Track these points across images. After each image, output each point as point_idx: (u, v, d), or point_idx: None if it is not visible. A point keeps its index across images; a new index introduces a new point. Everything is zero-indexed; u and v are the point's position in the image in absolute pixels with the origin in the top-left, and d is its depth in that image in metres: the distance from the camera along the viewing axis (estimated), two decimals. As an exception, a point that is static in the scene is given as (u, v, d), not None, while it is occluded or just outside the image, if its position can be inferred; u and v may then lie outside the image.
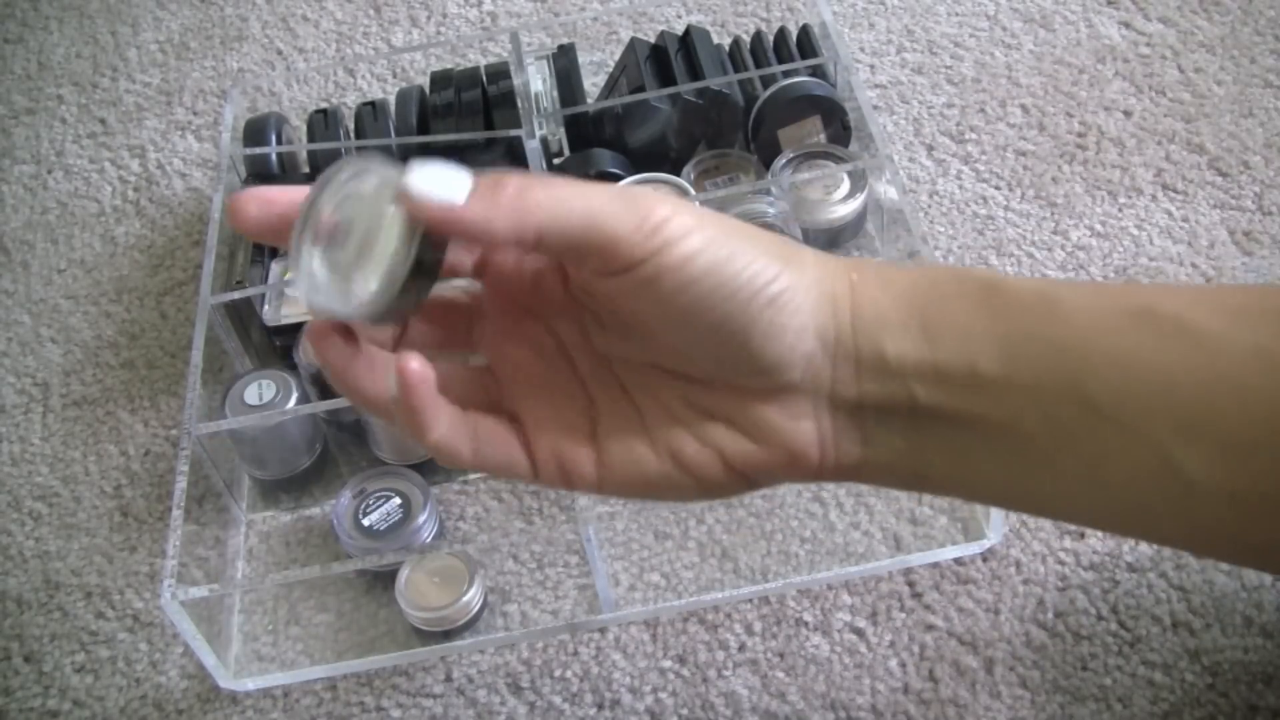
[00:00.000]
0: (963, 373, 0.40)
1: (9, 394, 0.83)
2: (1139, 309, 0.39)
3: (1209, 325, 0.38)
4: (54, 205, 0.95)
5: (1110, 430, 0.38)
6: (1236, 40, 0.91)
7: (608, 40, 1.00)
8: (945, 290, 0.41)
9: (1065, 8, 0.96)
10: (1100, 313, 0.39)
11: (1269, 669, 0.60)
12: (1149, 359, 0.38)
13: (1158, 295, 0.40)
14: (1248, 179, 0.82)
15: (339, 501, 0.69)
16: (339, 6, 1.07)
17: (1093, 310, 0.39)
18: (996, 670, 0.62)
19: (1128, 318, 0.39)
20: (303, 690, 0.66)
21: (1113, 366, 0.38)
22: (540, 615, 0.68)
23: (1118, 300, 0.39)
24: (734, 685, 0.63)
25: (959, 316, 0.40)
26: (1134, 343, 0.38)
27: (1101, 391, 0.38)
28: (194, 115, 1.00)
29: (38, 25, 1.11)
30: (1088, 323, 0.39)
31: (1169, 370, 0.38)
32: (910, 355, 0.40)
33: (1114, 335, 0.39)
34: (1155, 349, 0.38)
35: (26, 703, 0.68)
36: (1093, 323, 0.39)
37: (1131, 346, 0.38)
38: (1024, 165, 0.85)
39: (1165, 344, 0.38)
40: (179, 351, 0.83)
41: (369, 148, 0.82)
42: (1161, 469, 0.38)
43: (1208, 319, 0.38)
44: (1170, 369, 0.38)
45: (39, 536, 0.75)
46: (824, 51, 0.84)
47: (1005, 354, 0.39)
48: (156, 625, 0.70)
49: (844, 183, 0.79)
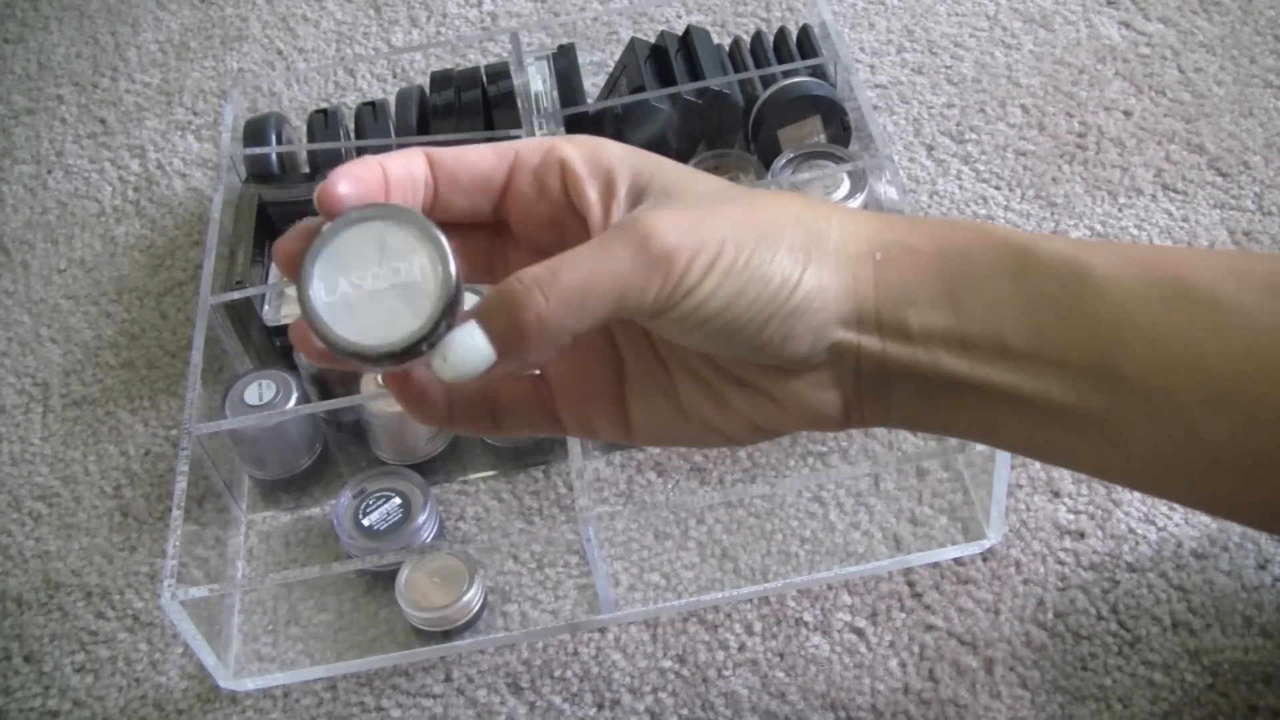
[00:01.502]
0: (990, 344, 0.40)
1: (9, 394, 0.83)
2: (1171, 281, 0.39)
3: (1240, 299, 0.38)
4: (54, 205, 0.95)
5: (1137, 401, 0.39)
6: (1236, 40, 0.91)
7: (608, 40, 1.00)
8: (975, 259, 0.41)
9: (1065, 8, 0.96)
10: (1132, 284, 0.39)
11: (1269, 669, 0.60)
12: (1180, 335, 0.38)
13: (1189, 265, 0.40)
14: (1248, 179, 0.82)
15: (339, 501, 0.69)
16: (339, 6, 1.07)
17: (1125, 281, 0.39)
18: (996, 670, 0.62)
19: (1159, 290, 0.39)
20: (303, 690, 0.66)
21: (1143, 341, 0.39)
22: (540, 615, 0.68)
23: (1150, 270, 0.39)
24: (734, 685, 0.63)
25: (988, 288, 0.40)
26: (1165, 317, 0.39)
27: (1131, 366, 0.39)
28: (194, 115, 1.00)
29: (38, 25, 1.11)
30: (1119, 297, 0.39)
31: (1199, 345, 0.38)
32: (937, 326, 0.40)
33: (1145, 308, 0.39)
34: (1186, 324, 0.38)
35: (26, 703, 0.68)
36: (1124, 296, 0.39)
37: (1162, 320, 0.39)
38: (1024, 165, 0.85)
39: (1196, 318, 0.38)
40: (179, 351, 0.83)
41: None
42: (1186, 439, 0.39)
43: (1238, 291, 0.38)
44: (1201, 344, 0.38)
45: (39, 536, 0.75)
46: (824, 51, 0.84)
47: (1034, 327, 0.40)
48: (156, 625, 0.70)
49: (844, 183, 0.79)
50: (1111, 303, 0.39)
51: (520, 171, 0.42)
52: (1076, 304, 0.39)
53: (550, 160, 0.41)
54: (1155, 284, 0.39)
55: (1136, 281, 0.39)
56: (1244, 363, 0.38)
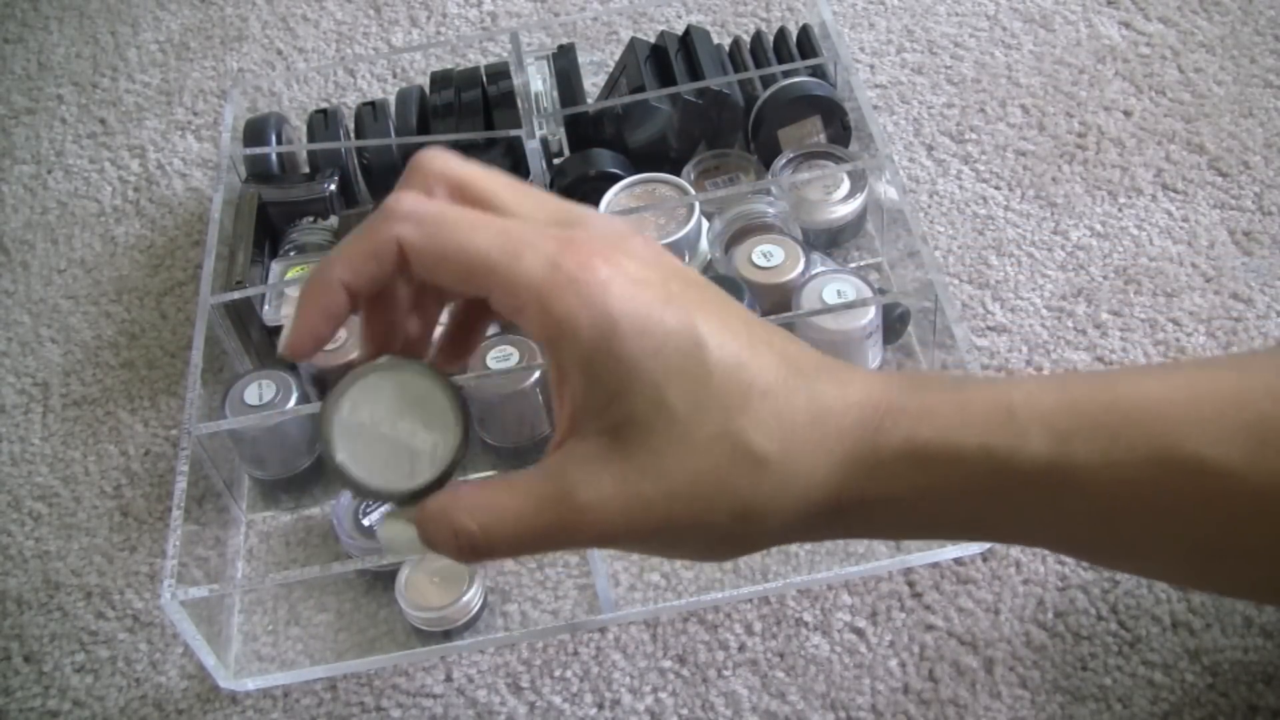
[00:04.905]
0: (963, 529, 0.44)
1: (9, 394, 0.83)
2: (1156, 457, 0.38)
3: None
4: (54, 205, 0.95)
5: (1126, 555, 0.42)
6: (1236, 40, 0.91)
7: (608, 40, 1.00)
8: (948, 496, 0.40)
9: (1065, 8, 0.96)
10: (1116, 472, 0.38)
11: (1269, 669, 0.60)
12: (1168, 517, 0.39)
13: (1177, 430, 0.38)
14: (1248, 179, 0.82)
15: (339, 501, 0.69)
16: (339, 6, 1.07)
17: (1105, 475, 0.38)
18: (996, 670, 0.62)
19: (1145, 473, 0.38)
20: (303, 690, 0.66)
21: (1135, 525, 0.39)
22: (540, 615, 0.68)
23: (1135, 450, 0.38)
24: (734, 685, 0.63)
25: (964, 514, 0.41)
26: (1153, 501, 0.39)
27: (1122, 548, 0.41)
28: (194, 115, 1.00)
29: (38, 25, 1.12)
30: (1102, 493, 0.39)
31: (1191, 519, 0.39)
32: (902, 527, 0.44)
33: (1133, 503, 0.39)
34: (1173, 506, 0.38)
35: (26, 703, 0.68)
36: (1107, 493, 0.39)
37: (1151, 505, 0.39)
38: (1024, 165, 0.85)
39: (1184, 495, 0.38)
40: (179, 351, 0.83)
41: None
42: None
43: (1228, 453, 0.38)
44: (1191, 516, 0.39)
45: (39, 536, 0.75)
46: (824, 51, 0.84)
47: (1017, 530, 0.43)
48: (156, 625, 0.70)
49: (844, 183, 0.79)
50: (1096, 499, 0.39)
51: (494, 298, 0.39)
52: (1057, 510, 0.40)
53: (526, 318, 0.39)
54: (1140, 466, 0.38)
55: (1121, 468, 0.38)
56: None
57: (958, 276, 0.79)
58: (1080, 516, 0.39)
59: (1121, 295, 0.77)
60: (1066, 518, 0.39)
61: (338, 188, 0.83)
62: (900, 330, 0.75)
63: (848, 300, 0.70)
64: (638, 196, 0.79)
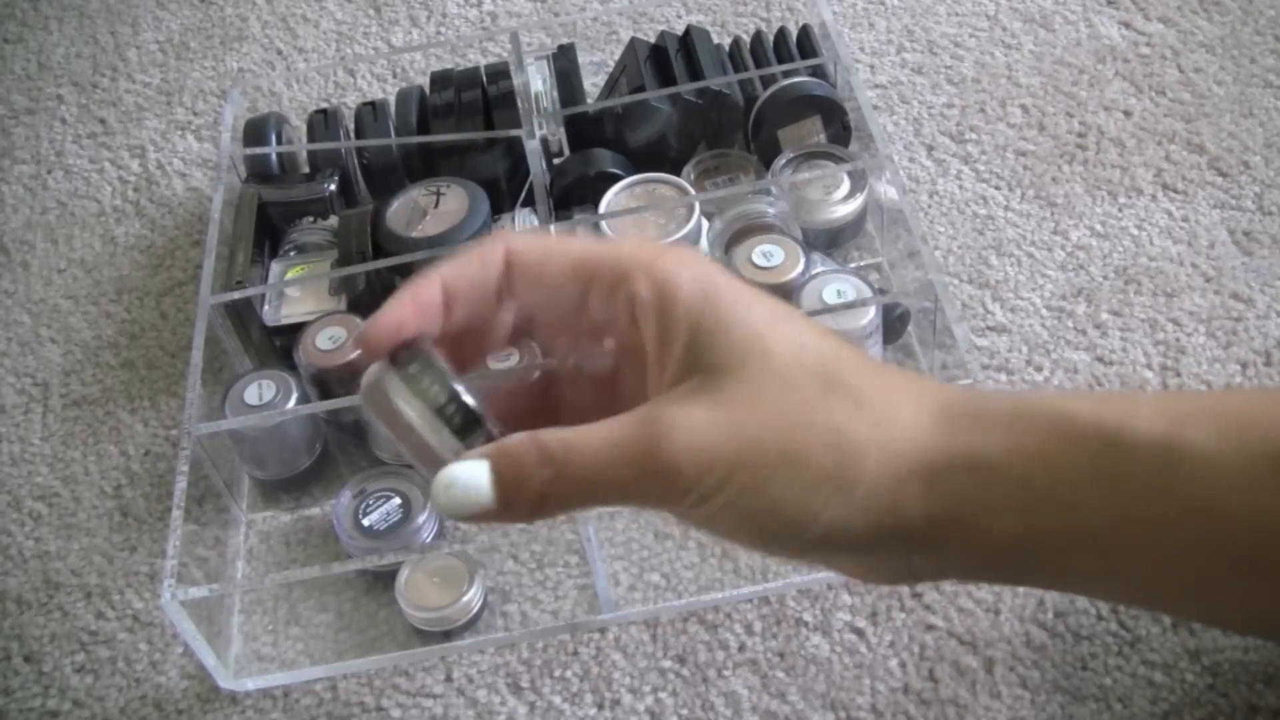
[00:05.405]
0: (1065, 535, 0.38)
1: (9, 394, 0.83)
2: (1273, 455, 0.36)
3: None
4: (54, 205, 0.95)
5: (1234, 577, 0.38)
6: (1236, 40, 0.91)
7: (608, 40, 1.00)
8: (1053, 464, 0.38)
9: (1065, 8, 0.96)
10: (1229, 460, 0.37)
11: (1269, 669, 0.60)
12: None
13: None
14: (1248, 179, 0.82)
15: (339, 501, 0.69)
16: (339, 6, 1.07)
17: (1220, 460, 0.37)
18: (996, 670, 0.62)
19: (1262, 465, 0.36)
20: (303, 690, 0.66)
21: (1241, 523, 0.37)
22: (540, 615, 0.67)
23: (1248, 442, 0.37)
24: (734, 685, 0.63)
25: (1066, 493, 0.38)
26: (1268, 501, 0.36)
27: (1230, 546, 0.37)
28: (194, 115, 1.00)
29: (38, 25, 1.12)
30: (1215, 479, 0.37)
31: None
32: (1005, 532, 0.38)
33: (1244, 495, 0.37)
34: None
35: (26, 703, 0.68)
36: (1220, 480, 0.37)
37: (1265, 506, 0.36)
38: (1024, 165, 0.85)
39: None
40: (179, 351, 0.83)
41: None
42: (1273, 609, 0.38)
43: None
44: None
45: (39, 536, 0.75)
46: (824, 51, 0.84)
47: (1119, 518, 0.38)
48: (156, 625, 0.70)
49: (844, 183, 0.79)
50: (1207, 487, 0.37)
51: (595, 292, 0.41)
52: (1169, 494, 0.37)
53: (621, 295, 0.40)
54: (1256, 458, 0.37)
55: (1235, 456, 0.37)
56: None
57: (958, 276, 0.79)
58: (1195, 511, 0.37)
59: (1121, 295, 0.77)
60: (1175, 509, 0.37)
61: (338, 188, 0.83)
62: (900, 330, 0.75)
63: (848, 300, 0.70)
64: (638, 196, 0.79)
